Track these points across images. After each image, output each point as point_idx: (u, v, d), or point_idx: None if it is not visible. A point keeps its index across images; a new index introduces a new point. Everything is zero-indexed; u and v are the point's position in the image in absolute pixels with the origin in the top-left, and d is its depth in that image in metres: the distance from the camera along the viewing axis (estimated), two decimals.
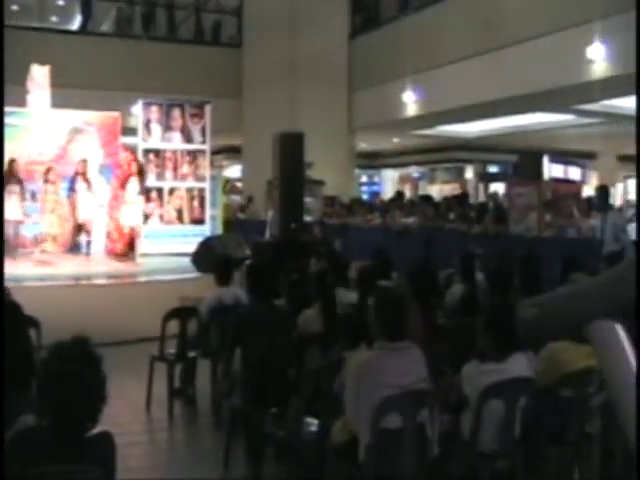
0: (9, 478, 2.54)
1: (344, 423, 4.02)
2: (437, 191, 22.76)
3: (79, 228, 12.63)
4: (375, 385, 3.83)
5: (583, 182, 20.98)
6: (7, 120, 13.14)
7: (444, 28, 14.51)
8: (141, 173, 12.45)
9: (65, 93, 13.61)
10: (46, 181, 12.00)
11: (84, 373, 2.61)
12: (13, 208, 11.97)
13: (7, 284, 6.32)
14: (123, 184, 12.35)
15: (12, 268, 10.11)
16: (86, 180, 12.61)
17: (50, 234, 11.89)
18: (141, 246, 12.74)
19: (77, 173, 12.61)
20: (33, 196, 12.42)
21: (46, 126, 13.56)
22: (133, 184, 12.26)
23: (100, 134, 13.92)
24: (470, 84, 13.75)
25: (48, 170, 12.17)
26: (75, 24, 20.68)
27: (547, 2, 12.15)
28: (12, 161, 12.31)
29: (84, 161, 12.75)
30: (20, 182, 12.18)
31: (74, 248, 12.88)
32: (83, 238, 12.71)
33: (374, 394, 3.78)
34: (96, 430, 2.69)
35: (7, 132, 13.13)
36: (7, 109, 13.22)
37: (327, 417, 4.24)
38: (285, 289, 5.93)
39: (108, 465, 2.73)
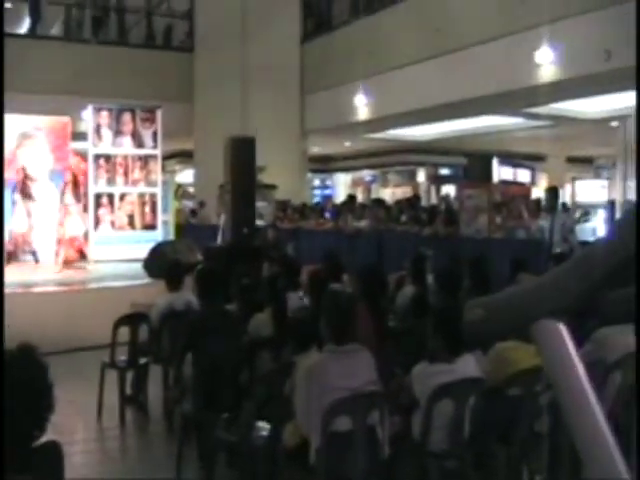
0: None
1: (295, 427, 4.02)
2: (389, 194, 22.94)
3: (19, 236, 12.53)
4: (325, 388, 3.84)
5: (532, 184, 21.32)
6: None
7: (395, 32, 14.60)
8: (75, 182, 12.30)
9: (13, 97, 13.40)
10: None
11: (30, 381, 2.57)
12: None
13: None
14: (63, 192, 12.22)
15: None
16: (23, 189, 12.41)
17: None
18: (90, 253, 12.64)
19: (17, 182, 12.46)
20: None
21: None
22: (68, 193, 12.14)
23: (49, 139, 13.78)
24: (421, 87, 13.88)
25: None
26: (24, 27, 20.39)
27: (497, 7, 12.31)
28: None
29: (23, 169, 12.57)
30: None
31: (18, 256, 12.74)
32: (25, 248, 12.60)
33: (324, 397, 3.79)
34: (44, 439, 2.65)
35: None
36: None
37: (278, 421, 4.24)
38: (236, 294, 5.92)
39: (55, 475, 2.69)
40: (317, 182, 27.48)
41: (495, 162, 18.28)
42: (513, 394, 4.35)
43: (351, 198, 15.51)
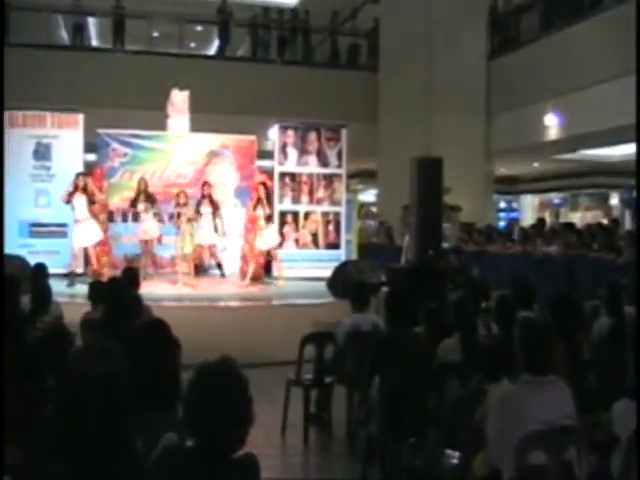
0: None
1: (485, 456, 3.98)
2: (579, 218, 22.13)
3: (206, 250, 13.06)
4: (519, 419, 3.77)
5: None
6: (148, 143, 13.89)
7: (587, 48, 14.17)
8: (268, 198, 12.66)
9: (203, 117, 14.15)
10: (177, 204, 12.33)
11: (232, 394, 2.65)
12: (149, 226, 12.50)
13: (146, 303, 6.65)
14: (255, 208, 12.63)
15: (149, 288, 10.60)
16: (211, 203, 12.93)
17: (182, 255, 12.24)
18: (279, 270, 13.01)
19: (203, 196, 12.94)
20: (171, 217, 12.90)
21: (185, 150, 14.14)
22: (259, 209, 12.54)
23: (236, 157, 14.42)
24: (614, 106, 13.32)
25: (179, 194, 12.51)
26: (212, 49, 21.46)
27: None
28: (141, 180, 12.88)
29: (208, 184, 13.11)
30: (153, 201, 12.66)
31: (204, 270, 13.34)
32: (210, 261, 13.14)
33: (518, 428, 3.73)
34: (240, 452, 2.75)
35: (148, 155, 13.89)
36: (148, 133, 13.95)
37: (467, 449, 4.21)
38: (424, 317, 5.93)
39: None
40: (503, 204, 26.97)
41: None
42: None
43: (540, 221, 15.15)
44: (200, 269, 13.34)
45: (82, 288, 11.17)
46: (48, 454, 2.55)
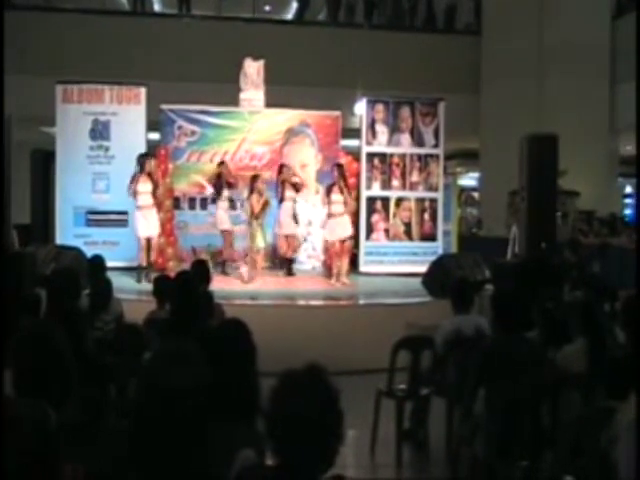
0: None
1: None
2: None
3: (284, 242, 13.08)
4: None
5: None
6: (218, 121, 13.98)
7: None
8: (345, 180, 12.33)
9: (280, 90, 14.20)
10: (252, 190, 12.29)
11: (321, 408, 2.64)
12: (222, 217, 12.61)
13: (218, 301, 6.71)
14: (328, 193, 12.30)
15: (221, 284, 10.71)
16: (294, 187, 12.97)
17: (255, 248, 12.29)
18: (360, 264, 12.97)
19: (282, 181, 12.89)
20: (242, 205, 13.01)
21: (259, 128, 14.20)
22: (336, 194, 12.13)
23: (318, 136, 14.39)
24: None
25: (254, 178, 12.51)
26: (290, 13, 21.56)
27: None
28: (221, 163, 12.95)
29: (287, 167, 13.11)
30: (231, 187, 12.76)
31: (281, 264, 13.39)
32: (289, 253, 13.16)
33: None
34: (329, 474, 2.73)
35: (218, 134, 13.98)
36: (218, 109, 14.05)
37: (591, 478, 4.12)
38: (539, 320, 5.83)
39: None
40: (629, 189, 26.35)
41: None
42: None
43: None
44: (275, 263, 13.45)
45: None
46: (114, 469, 2.59)
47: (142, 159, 12.04)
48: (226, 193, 12.61)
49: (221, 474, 2.73)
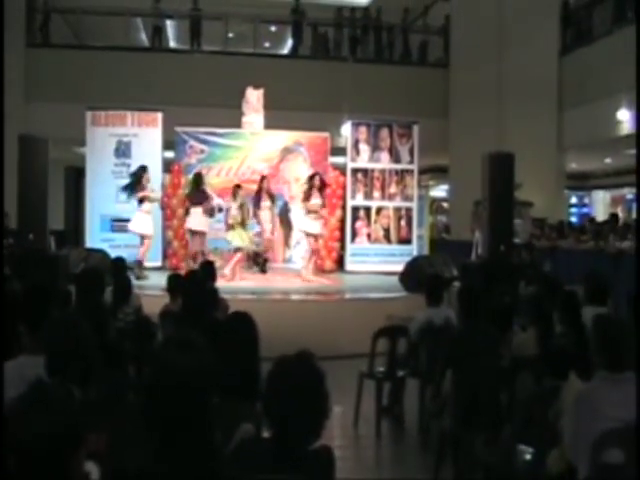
0: None
1: (561, 453, 3.88)
2: None
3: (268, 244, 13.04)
4: (596, 417, 3.67)
5: None
6: (224, 141, 14.02)
7: None
8: (321, 188, 12.09)
9: (277, 114, 14.22)
10: (235, 198, 12.12)
11: (310, 388, 2.66)
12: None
13: (223, 296, 6.70)
14: (308, 199, 12.04)
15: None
16: (270, 196, 12.80)
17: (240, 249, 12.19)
18: (346, 264, 12.95)
19: (260, 190, 12.68)
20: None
21: (259, 146, 14.24)
22: (315, 198, 12.00)
23: (310, 154, 14.43)
24: None
25: (237, 187, 12.35)
26: (286, 49, 21.55)
27: None
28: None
29: (265, 178, 12.91)
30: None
31: (255, 262, 13.32)
32: (266, 253, 13.12)
33: (594, 426, 3.62)
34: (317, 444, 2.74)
35: (223, 152, 14.02)
36: (224, 130, 14.08)
37: (542, 446, 4.11)
38: (497, 312, 5.82)
39: (327, 478, 2.77)
40: (574, 200, 26.40)
41: None
42: None
43: (613, 217, 14.76)
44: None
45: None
46: (131, 439, 2.59)
47: (141, 171, 12.03)
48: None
49: (223, 444, 2.74)
